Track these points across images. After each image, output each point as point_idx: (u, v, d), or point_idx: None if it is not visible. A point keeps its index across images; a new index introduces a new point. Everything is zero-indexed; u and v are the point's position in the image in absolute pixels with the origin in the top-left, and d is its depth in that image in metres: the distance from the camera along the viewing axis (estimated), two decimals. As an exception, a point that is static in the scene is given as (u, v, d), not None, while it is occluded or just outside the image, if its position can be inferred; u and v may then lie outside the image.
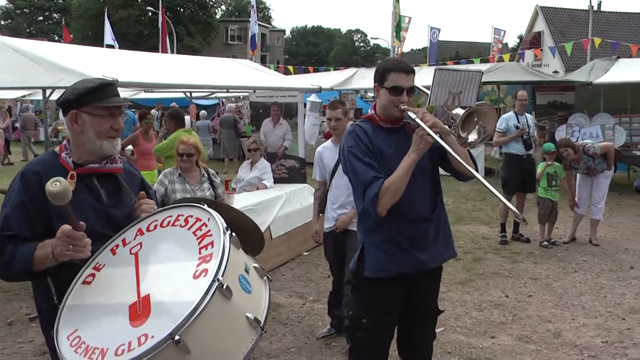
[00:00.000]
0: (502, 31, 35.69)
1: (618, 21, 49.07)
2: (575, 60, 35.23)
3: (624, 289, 7.37)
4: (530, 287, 7.45)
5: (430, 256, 3.65)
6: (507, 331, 6.11)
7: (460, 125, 3.41)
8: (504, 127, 9.68)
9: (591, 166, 9.25)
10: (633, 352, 5.56)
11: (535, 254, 8.92)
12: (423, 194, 3.58)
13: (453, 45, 74.97)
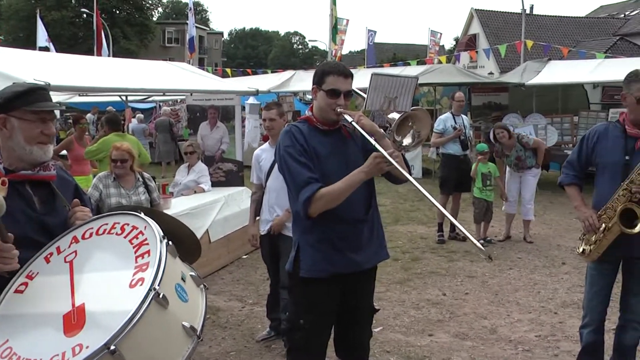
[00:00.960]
0: (439, 33, 36.24)
1: (549, 24, 50.33)
2: (509, 62, 36.00)
3: (556, 284, 7.57)
4: (467, 284, 7.60)
5: (364, 257, 3.69)
6: (444, 329, 6.21)
7: (395, 130, 3.46)
8: (442, 128, 9.83)
9: (521, 157, 9.51)
10: (564, 344, 5.72)
11: (472, 252, 9.07)
12: (358, 195, 3.61)
13: (391, 48, 75.74)
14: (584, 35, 48.68)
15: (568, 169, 4.82)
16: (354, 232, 3.65)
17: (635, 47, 41.30)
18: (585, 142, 4.69)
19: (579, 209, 4.65)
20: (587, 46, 36.18)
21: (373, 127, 3.50)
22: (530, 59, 19.95)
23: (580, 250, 4.63)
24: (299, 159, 3.51)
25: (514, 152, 9.57)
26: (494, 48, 27.27)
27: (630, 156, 4.35)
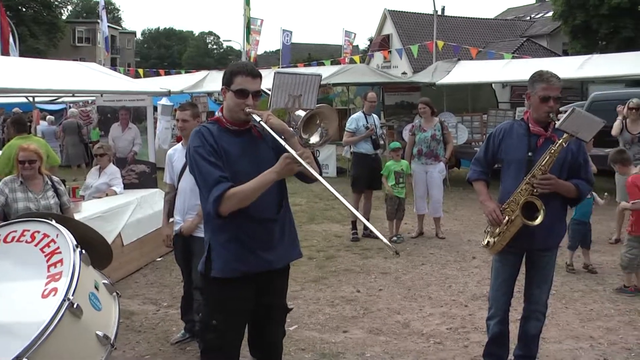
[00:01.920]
0: (353, 34, 36.59)
1: (461, 25, 51.58)
2: (422, 62, 36.71)
3: (466, 278, 7.79)
4: (381, 281, 7.72)
5: (276, 256, 3.72)
6: (358, 325, 6.29)
7: (302, 127, 3.49)
8: (354, 127, 9.94)
9: (436, 136, 9.79)
10: (474, 335, 5.89)
11: (386, 249, 9.17)
12: (269, 195, 3.63)
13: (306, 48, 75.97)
14: (493, 37, 50.17)
15: (475, 166, 4.99)
16: (266, 231, 3.66)
17: (540, 48, 42.91)
18: (491, 140, 4.86)
19: (484, 203, 4.81)
20: (496, 47, 37.28)
21: (282, 126, 3.52)
22: (442, 59, 20.42)
23: (485, 242, 4.79)
24: (209, 158, 3.50)
25: (430, 131, 9.79)
26: (407, 48, 27.78)
27: (533, 153, 4.54)
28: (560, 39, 47.10)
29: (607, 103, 14.31)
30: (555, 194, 4.54)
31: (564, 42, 44.93)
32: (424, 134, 9.86)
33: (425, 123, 9.93)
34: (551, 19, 47.17)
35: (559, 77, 4.58)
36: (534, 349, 4.96)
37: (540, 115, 4.54)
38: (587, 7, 36.20)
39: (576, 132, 4.34)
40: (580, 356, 5.50)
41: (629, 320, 6.34)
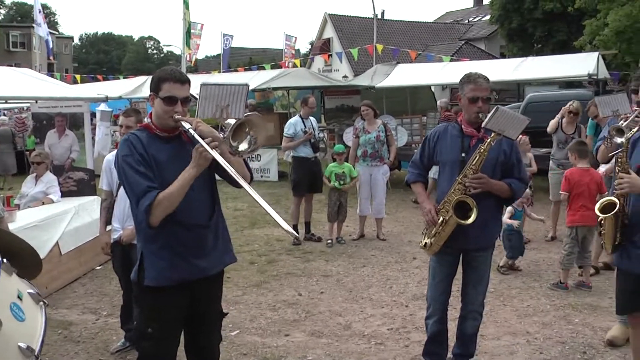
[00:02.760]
0: (294, 37, 36.60)
1: (400, 29, 52.12)
2: (363, 65, 36.95)
3: (407, 278, 7.87)
4: (322, 284, 7.74)
5: (210, 262, 3.71)
6: (300, 328, 6.30)
7: (231, 136, 3.49)
8: (292, 133, 9.94)
9: (380, 138, 9.87)
10: (415, 335, 5.95)
11: (327, 252, 9.27)
12: (200, 200, 3.63)
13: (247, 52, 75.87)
14: (433, 40, 50.87)
15: (413, 168, 5.06)
16: (198, 238, 3.65)
17: (478, 51, 43.69)
18: (427, 142, 4.94)
19: (421, 204, 4.89)
20: (435, 50, 37.74)
21: (211, 133, 3.51)
22: (383, 62, 20.61)
23: (422, 243, 4.85)
24: (138, 168, 3.47)
25: (374, 133, 9.88)
26: (347, 52, 27.93)
27: (467, 153, 4.63)
28: (498, 42, 48.11)
29: (542, 104, 14.66)
30: (489, 193, 4.63)
31: (501, 45, 45.92)
32: (368, 135, 9.95)
33: (369, 125, 10.02)
34: (488, 23, 48.14)
35: (488, 78, 4.69)
36: (472, 348, 5.06)
37: (471, 116, 4.63)
38: (522, 11, 37.11)
39: (503, 131, 4.44)
40: (517, 351, 5.62)
41: (563, 315, 6.50)
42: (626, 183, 4.11)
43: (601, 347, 5.66)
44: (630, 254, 4.29)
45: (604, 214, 4.24)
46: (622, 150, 4.16)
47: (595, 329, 6.08)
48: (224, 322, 4.20)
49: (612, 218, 4.23)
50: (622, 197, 4.22)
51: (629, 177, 4.11)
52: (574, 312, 6.59)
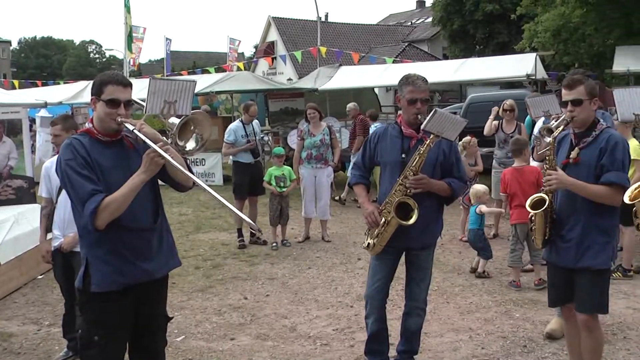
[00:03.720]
0: (237, 41, 36.41)
1: (344, 31, 52.37)
2: (307, 68, 36.97)
3: (352, 279, 7.93)
4: (268, 287, 7.75)
5: (155, 265, 3.71)
6: (246, 331, 6.30)
7: (177, 134, 3.49)
8: (232, 139, 9.90)
9: (325, 141, 9.95)
10: (359, 335, 5.98)
11: (272, 255, 9.29)
12: (144, 204, 3.62)
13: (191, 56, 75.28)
14: (376, 42, 51.24)
15: (355, 170, 5.13)
16: (143, 241, 3.65)
17: (421, 53, 44.18)
18: (368, 144, 5.01)
19: (363, 206, 4.95)
20: (379, 52, 38.06)
21: (155, 135, 3.51)
22: (327, 64, 20.70)
23: (365, 244, 4.91)
24: (81, 172, 3.45)
25: (319, 135, 9.94)
26: (290, 54, 27.97)
27: (407, 154, 4.70)
28: (440, 44, 48.72)
29: (483, 104, 14.90)
30: (430, 193, 4.71)
31: (444, 47, 46.48)
32: (313, 138, 9.99)
33: (314, 128, 10.07)
34: (431, 25, 48.72)
35: (426, 79, 4.77)
36: (416, 344, 5.13)
37: (410, 117, 4.70)
38: (464, 13, 37.65)
39: (441, 132, 4.52)
40: (460, 347, 5.73)
41: (504, 311, 6.64)
42: (554, 180, 4.23)
43: (540, 340, 5.81)
44: (559, 248, 4.43)
45: (534, 210, 4.36)
46: (549, 148, 4.28)
47: (535, 323, 6.22)
48: (169, 327, 4.19)
49: (542, 214, 4.35)
50: (551, 193, 4.35)
51: (557, 173, 4.25)
52: (515, 307, 6.74)
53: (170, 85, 3.73)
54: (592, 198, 4.23)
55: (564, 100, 4.39)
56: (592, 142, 4.31)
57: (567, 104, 4.33)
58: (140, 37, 30.02)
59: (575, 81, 4.34)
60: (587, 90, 4.29)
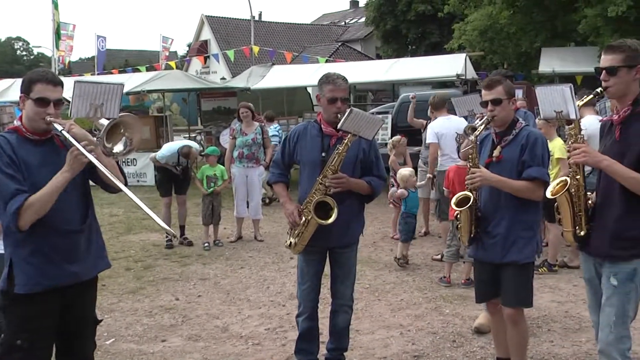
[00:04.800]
0: (170, 39, 36.03)
1: (278, 30, 52.32)
2: (241, 67, 36.81)
3: (284, 278, 7.95)
4: (200, 287, 7.70)
5: (83, 268, 3.65)
6: (177, 333, 6.25)
7: (105, 137, 3.44)
8: (161, 159, 9.78)
9: (257, 140, 10.00)
10: (291, 334, 6.00)
11: (204, 255, 9.24)
12: (72, 205, 3.58)
13: (123, 54, 74.00)
14: (310, 41, 51.33)
15: (274, 168, 5.12)
16: (70, 243, 3.59)
17: (355, 52, 44.49)
18: (287, 143, 5.02)
19: (284, 205, 4.96)
20: (313, 51, 38.18)
21: (85, 136, 3.46)
22: (260, 63, 20.67)
23: (287, 243, 4.93)
24: (6, 170, 3.39)
25: (250, 135, 9.96)
26: (223, 53, 27.82)
27: (327, 153, 4.73)
28: (374, 43, 49.09)
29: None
30: (350, 192, 4.75)
31: (377, 46, 46.87)
32: (245, 137, 9.98)
33: (246, 127, 10.06)
34: (364, 24, 49.09)
35: (346, 78, 4.84)
36: (345, 342, 5.16)
37: (330, 116, 4.74)
38: (396, 13, 38.08)
39: (358, 132, 4.56)
40: (391, 344, 5.80)
41: (435, 307, 6.76)
42: (478, 177, 4.35)
43: (469, 334, 5.94)
44: (485, 245, 4.54)
45: (459, 207, 4.46)
46: (472, 147, 4.39)
47: (464, 318, 6.36)
48: (98, 330, 4.14)
49: (467, 211, 4.46)
50: (475, 190, 4.46)
51: (481, 171, 4.36)
52: (445, 303, 6.87)
53: (96, 88, 3.69)
54: (515, 194, 4.36)
55: (484, 100, 4.52)
56: (513, 140, 4.46)
57: (487, 103, 4.46)
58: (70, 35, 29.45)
59: (494, 81, 4.50)
60: (505, 90, 4.45)
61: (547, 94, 3.94)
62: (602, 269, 3.86)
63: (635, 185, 3.60)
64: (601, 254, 3.85)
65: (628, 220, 3.69)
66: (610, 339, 3.76)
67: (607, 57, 3.74)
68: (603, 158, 3.70)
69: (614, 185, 3.71)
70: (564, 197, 3.84)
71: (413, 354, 5.56)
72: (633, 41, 3.77)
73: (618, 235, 3.72)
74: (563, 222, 3.94)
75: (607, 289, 3.79)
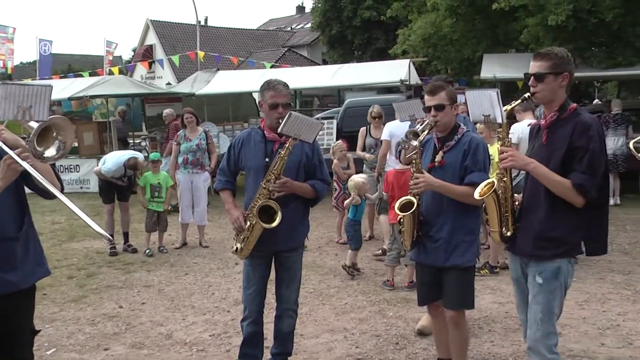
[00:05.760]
0: (114, 44, 35.52)
1: (224, 36, 52.07)
2: (187, 72, 36.47)
3: (229, 284, 7.94)
4: (144, 294, 7.64)
5: (19, 276, 3.59)
6: (120, 341, 6.18)
7: (36, 140, 3.38)
8: (106, 172, 9.65)
9: (201, 146, 9.98)
10: (236, 339, 5.97)
11: (149, 262, 9.16)
12: (7, 212, 3.52)
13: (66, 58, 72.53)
14: (256, 47, 51.22)
15: (221, 176, 5.15)
16: (6, 251, 3.53)
17: (301, 58, 44.62)
18: (232, 149, 5.05)
19: (229, 211, 4.99)
20: (259, 57, 38.14)
21: (17, 141, 3.42)
22: (206, 68, 20.56)
23: (234, 248, 4.95)
24: None
25: (195, 140, 9.95)
26: (168, 58, 27.61)
27: (270, 158, 4.77)
28: (320, 49, 49.22)
29: (359, 109, 15.20)
30: (294, 196, 4.81)
31: (323, 52, 47.02)
32: (189, 143, 9.96)
33: (190, 132, 10.03)
34: (310, 30, 49.21)
35: (287, 84, 4.90)
36: (289, 346, 5.19)
37: (272, 121, 4.78)
38: (342, 19, 38.28)
39: (298, 135, 4.61)
40: (335, 347, 5.84)
41: (378, 310, 6.83)
42: (422, 182, 4.42)
43: (412, 337, 6.02)
44: (427, 248, 4.62)
45: (403, 212, 4.52)
46: (415, 152, 4.46)
47: (407, 321, 6.44)
48: (38, 340, 4.09)
49: (410, 216, 4.52)
50: (418, 195, 4.52)
51: (424, 176, 4.43)
52: (388, 306, 6.94)
53: (24, 90, 3.60)
54: (457, 198, 4.45)
55: (427, 106, 4.59)
56: (455, 145, 4.54)
57: (431, 109, 4.54)
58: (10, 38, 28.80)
59: (438, 87, 4.58)
60: (448, 96, 4.54)
61: (476, 98, 4.05)
62: (528, 269, 4.00)
63: (558, 188, 3.75)
64: (526, 253, 3.99)
65: (552, 221, 3.84)
66: (538, 336, 3.89)
67: (535, 64, 3.89)
68: (529, 161, 3.84)
69: (540, 187, 3.85)
70: (491, 199, 3.95)
71: (356, 357, 5.62)
72: (560, 49, 3.92)
73: (542, 235, 3.86)
74: (490, 222, 4.06)
75: (533, 288, 3.93)
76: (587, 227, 3.87)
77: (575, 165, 3.72)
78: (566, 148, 3.75)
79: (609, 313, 6.55)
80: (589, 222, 3.86)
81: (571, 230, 3.84)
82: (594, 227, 3.90)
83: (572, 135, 3.74)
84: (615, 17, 14.42)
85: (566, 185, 3.72)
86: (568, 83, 3.87)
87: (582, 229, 3.87)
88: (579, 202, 3.74)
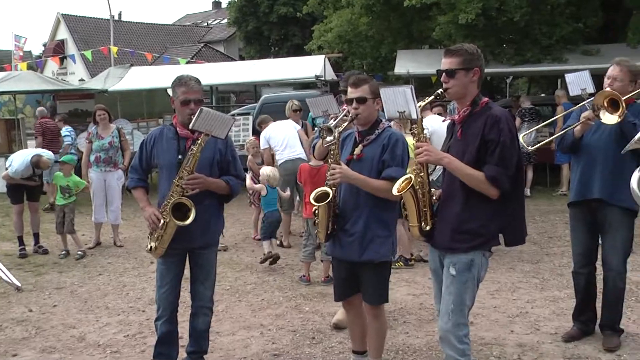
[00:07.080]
0: (24, 38, 34.40)
1: (139, 31, 51.15)
2: (100, 68, 35.53)
3: (144, 283, 7.82)
4: (55, 297, 7.43)
5: None
6: (30, 346, 5.99)
7: None
8: (13, 173, 9.36)
9: (114, 144, 9.87)
10: (151, 339, 5.87)
11: (61, 263, 8.92)
12: None
13: (-29, 54, 70.01)
14: (172, 42, 50.55)
15: (133, 174, 5.06)
16: None
17: (217, 53, 44.29)
18: (144, 147, 4.98)
19: (143, 209, 4.91)
20: (175, 52, 37.71)
21: None
22: (121, 64, 20.15)
23: (148, 247, 4.87)
24: None
25: (107, 138, 9.78)
26: (80, 54, 26.93)
27: (183, 155, 4.71)
28: (237, 45, 48.98)
29: (275, 105, 15.21)
30: (209, 192, 4.78)
31: (240, 48, 46.81)
32: (101, 141, 9.77)
33: (102, 130, 9.83)
34: (227, 25, 48.87)
35: (199, 80, 4.86)
36: (204, 344, 5.15)
37: (184, 118, 4.74)
38: (259, 14, 38.25)
39: (210, 131, 4.57)
40: (251, 344, 5.83)
41: (295, 305, 6.85)
42: (338, 173, 4.42)
43: (328, 331, 6.05)
44: (342, 242, 4.61)
45: (318, 203, 4.52)
46: (334, 143, 4.45)
47: (323, 315, 6.48)
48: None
49: (325, 207, 4.49)
50: (335, 187, 4.53)
51: (341, 168, 4.43)
52: (305, 301, 6.98)
53: None
54: (374, 192, 4.45)
55: (349, 98, 4.60)
56: (375, 139, 4.56)
57: (352, 101, 4.55)
58: None
59: (361, 80, 4.60)
60: (371, 90, 4.55)
61: (391, 95, 4.10)
62: (444, 260, 4.08)
63: (472, 181, 3.84)
64: (443, 246, 4.07)
65: (467, 214, 3.94)
66: (449, 326, 3.98)
67: (446, 60, 3.97)
68: (444, 156, 3.93)
69: (456, 181, 3.94)
70: (409, 194, 4.00)
71: (273, 353, 5.61)
72: (470, 45, 4.01)
73: (457, 228, 3.96)
74: (409, 217, 4.12)
75: (447, 279, 4.03)
76: (503, 218, 3.99)
77: (488, 158, 3.83)
78: (479, 141, 3.85)
79: (518, 301, 6.76)
80: (505, 213, 3.98)
81: (487, 222, 3.93)
82: (511, 218, 4.02)
83: (484, 129, 3.85)
84: (523, 17, 14.91)
85: (480, 178, 3.82)
86: (479, 78, 3.98)
87: (498, 220, 3.97)
88: (493, 194, 3.85)
